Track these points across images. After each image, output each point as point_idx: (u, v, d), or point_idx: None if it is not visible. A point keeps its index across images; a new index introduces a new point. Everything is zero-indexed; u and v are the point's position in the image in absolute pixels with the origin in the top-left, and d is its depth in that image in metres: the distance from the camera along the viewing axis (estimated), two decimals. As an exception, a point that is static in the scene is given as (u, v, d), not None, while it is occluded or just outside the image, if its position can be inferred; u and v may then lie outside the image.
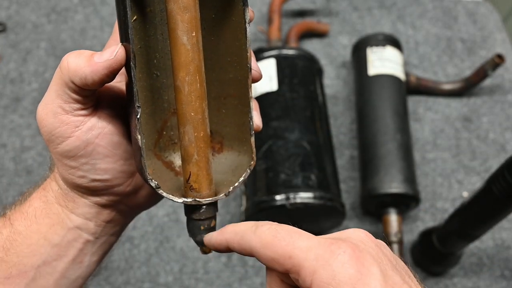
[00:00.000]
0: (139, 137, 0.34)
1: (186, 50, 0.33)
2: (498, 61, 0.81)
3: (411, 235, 0.77)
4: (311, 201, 0.65)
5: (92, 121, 0.35)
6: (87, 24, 0.95)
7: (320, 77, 0.79)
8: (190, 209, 0.37)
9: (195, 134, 0.35)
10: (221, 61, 0.39)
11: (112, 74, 0.33)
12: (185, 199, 0.36)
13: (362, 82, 0.83)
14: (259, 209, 0.66)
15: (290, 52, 0.77)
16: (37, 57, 0.91)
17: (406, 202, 0.73)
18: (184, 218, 0.73)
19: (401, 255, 0.71)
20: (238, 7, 0.36)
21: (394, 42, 0.84)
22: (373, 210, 0.77)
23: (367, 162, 0.76)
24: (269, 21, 0.89)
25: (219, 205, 0.79)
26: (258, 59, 0.77)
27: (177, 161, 0.39)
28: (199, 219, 0.37)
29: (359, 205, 0.79)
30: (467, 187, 0.81)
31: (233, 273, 0.74)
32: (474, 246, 0.76)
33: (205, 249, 0.38)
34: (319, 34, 0.95)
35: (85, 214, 0.38)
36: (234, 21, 0.36)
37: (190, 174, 0.35)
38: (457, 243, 0.66)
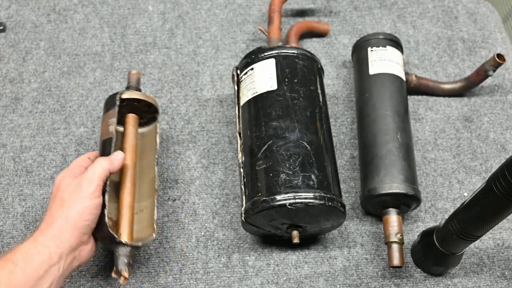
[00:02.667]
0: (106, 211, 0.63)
1: (126, 171, 0.69)
2: (498, 61, 0.81)
3: (412, 235, 0.77)
4: (311, 201, 0.65)
5: (99, 201, 0.62)
6: (86, 24, 0.95)
7: (321, 76, 0.79)
8: (116, 246, 0.63)
9: (126, 201, 0.67)
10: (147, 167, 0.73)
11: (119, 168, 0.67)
12: (117, 237, 0.62)
13: (362, 82, 0.82)
14: (259, 209, 0.66)
15: (290, 51, 0.77)
16: (37, 57, 0.91)
17: (407, 202, 0.73)
18: (184, 219, 0.73)
19: (402, 255, 0.70)
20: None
21: (394, 41, 0.84)
22: (373, 211, 0.77)
23: (368, 162, 0.75)
24: (269, 20, 0.89)
25: (218, 205, 0.80)
26: (258, 59, 0.76)
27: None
28: (120, 254, 0.62)
29: (359, 205, 0.79)
30: (467, 187, 0.81)
31: (233, 274, 0.73)
32: (474, 246, 0.76)
33: (122, 279, 0.62)
34: (319, 34, 0.95)
35: (62, 255, 0.58)
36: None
37: (120, 226, 0.65)
38: (457, 243, 0.65)
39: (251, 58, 0.77)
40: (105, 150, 0.67)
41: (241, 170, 0.72)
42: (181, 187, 0.79)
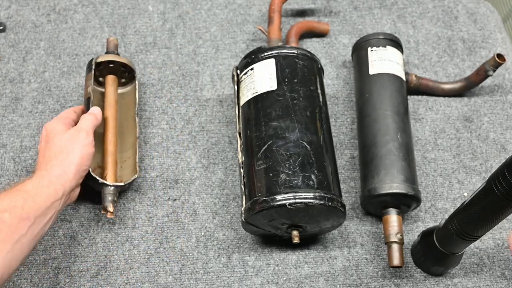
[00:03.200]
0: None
1: (108, 125, 0.79)
2: (498, 61, 0.81)
3: (412, 235, 0.77)
4: (311, 201, 0.65)
5: (94, 151, 0.71)
6: (86, 24, 0.95)
7: (321, 76, 0.79)
8: (102, 187, 0.73)
9: (109, 149, 0.77)
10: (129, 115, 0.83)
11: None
12: (100, 179, 0.72)
13: (362, 82, 0.82)
14: (259, 209, 0.66)
15: (290, 51, 0.77)
16: (37, 57, 0.91)
17: (407, 202, 0.73)
18: (184, 219, 0.73)
19: (402, 255, 0.70)
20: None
21: (394, 41, 0.84)
22: (373, 211, 0.77)
23: (368, 162, 0.75)
24: (269, 20, 0.89)
25: (218, 205, 0.80)
26: (258, 59, 0.76)
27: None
28: (106, 192, 0.73)
29: (359, 205, 0.79)
30: (467, 187, 0.81)
31: (233, 274, 0.73)
32: (474, 246, 0.76)
33: (108, 214, 0.72)
34: (319, 34, 0.95)
35: (64, 192, 0.65)
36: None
37: (105, 170, 0.76)
38: (457, 243, 0.65)
39: (251, 58, 0.77)
40: (87, 106, 0.78)
41: (241, 170, 0.72)
42: (181, 187, 0.79)
